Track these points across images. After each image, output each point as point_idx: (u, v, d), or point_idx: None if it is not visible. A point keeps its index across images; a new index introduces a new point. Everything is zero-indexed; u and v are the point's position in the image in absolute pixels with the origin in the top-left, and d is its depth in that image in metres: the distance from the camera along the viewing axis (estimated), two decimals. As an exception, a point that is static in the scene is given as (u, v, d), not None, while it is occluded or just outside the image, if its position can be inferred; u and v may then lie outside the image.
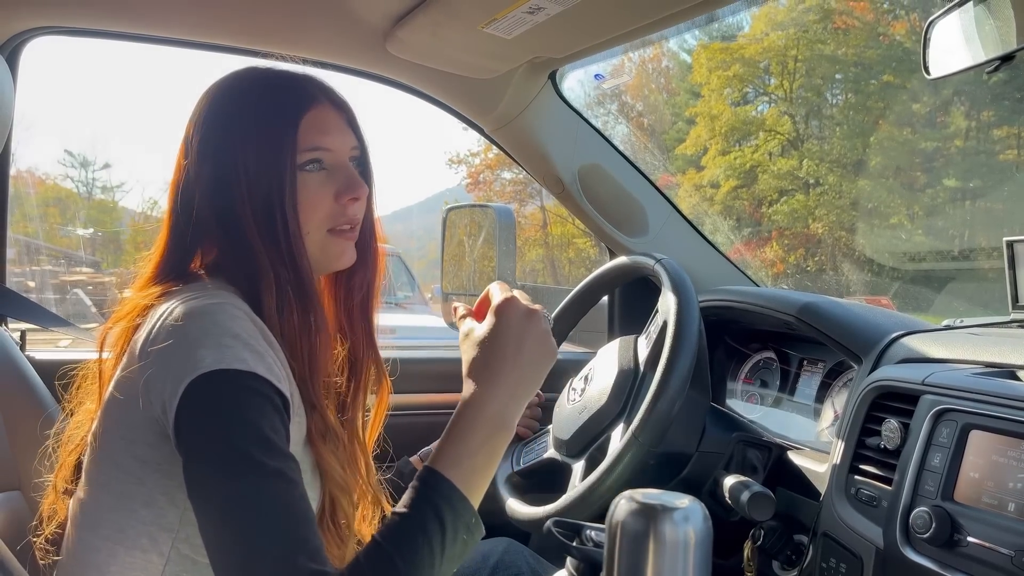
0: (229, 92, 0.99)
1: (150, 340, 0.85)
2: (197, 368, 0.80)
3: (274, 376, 0.84)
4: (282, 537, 0.77)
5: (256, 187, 0.93)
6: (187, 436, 0.81)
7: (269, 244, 0.93)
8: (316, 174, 0.97)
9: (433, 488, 0.85)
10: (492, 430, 0.90)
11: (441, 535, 0.82)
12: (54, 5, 1.48)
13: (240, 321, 0.86)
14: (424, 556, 0.80)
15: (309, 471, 0.94)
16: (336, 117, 1.00)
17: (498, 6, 1.28)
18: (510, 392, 0.92)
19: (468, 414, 0.91)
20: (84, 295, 8.69)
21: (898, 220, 14.72)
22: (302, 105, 0.97)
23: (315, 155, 0.97)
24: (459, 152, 22.74)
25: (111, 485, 0.89)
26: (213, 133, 0.96)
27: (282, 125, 0.95)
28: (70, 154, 19.40)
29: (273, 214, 0.93)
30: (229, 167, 0.94)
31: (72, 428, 1.02)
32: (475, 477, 0.88)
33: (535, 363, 0.95)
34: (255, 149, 0.94)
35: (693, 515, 0.75)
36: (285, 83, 1.00)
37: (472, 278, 2.07)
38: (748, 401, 1.65)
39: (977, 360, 1.14)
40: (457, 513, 0.84)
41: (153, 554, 0.87)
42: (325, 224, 0.98)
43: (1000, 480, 0.94)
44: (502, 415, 0.91)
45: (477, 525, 0.87)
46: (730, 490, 1.18)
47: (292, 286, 0.94)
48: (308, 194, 0.96)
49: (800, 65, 16.75)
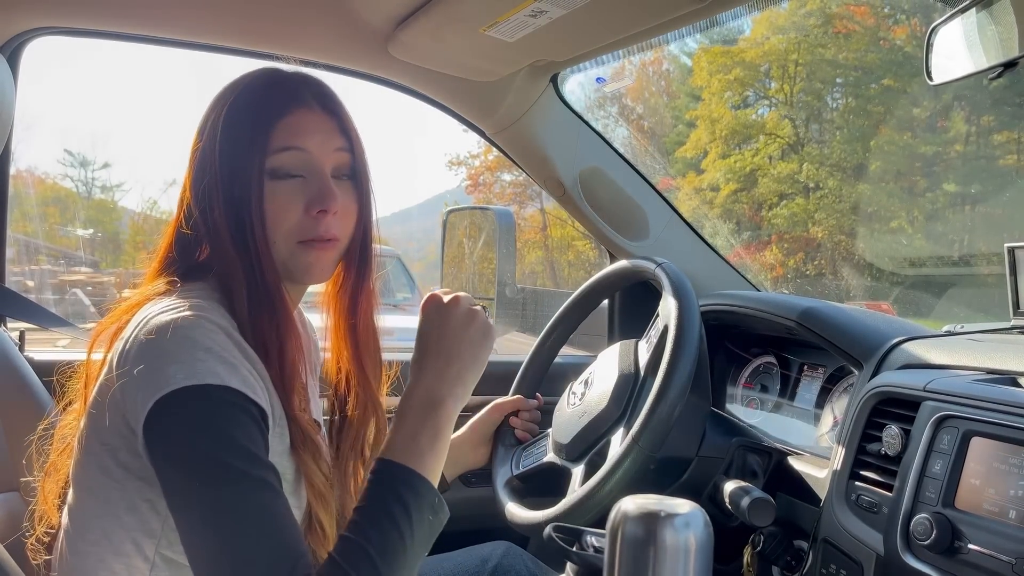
0: (226, 93, 0.99)
1: (125, 351, 0.85)
2: (168, 384, 0.80)
3: (249, 388, 0.83)
4: (269, 544, 0.76)
5: (228, 191, 0.93)
6: (161, 450, 0.81)
7: (241, 250, 0.93)
8: (288, 182, 0.94)
9: (388, 475, 0.86)
10: (425, 410, 0.92)
11: (408, 517, 0.83)
12: (55, 6, 1.48)
13: (213, 334, 0.85)
14: (394, 540, 0.81)
15: (292, 479, 0.93)
16: (322, 119, 0.97)
17: (500, 9, 1.28)
18: (437, 373, 0.95)
19: (403, 402, 0.94)
20: (83, 295, 8.69)
21: (898, 225, 14.73)
22: (283, 106, 0.95)
23: (287, 157, 0.94)
24: (459, 154, 22.80)
25: (96, 490, 0.89)
26: (207, 134, 0.96)
27: (257, 124, 0.93)
28: (70, 153, 19.43)
29: (243, 220, 0.92)
30: (208, 166, 0.94)
31: (61, 429, 1.01)
32: (425, 459, 0.88)
33: (461, 341, 0.97)
34: (229, 148, 0.93)
35: (694, 521, 0.74)
36: (274, 83, 0.98)
37: (472, 280, 2.07)
38: (748, 406, 1.64)
39: (978, 366, 1.14)
40: (418, 493, 0.85)
41: (138, 559, 0.87)
42: (294, 236, 0.95)
43: (1001, 487, 0.94)
44: (430, 394, 0.93)
45: (441, 505, 0.88)
46: (730, 495, 1.18)
47: (260, 294, 0.93)
48: (277, 202, 0.94)
49: (801, 69, 16.76)
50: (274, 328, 0.93)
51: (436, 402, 0.93)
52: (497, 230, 1.90)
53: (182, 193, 0.98)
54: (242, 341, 0.89)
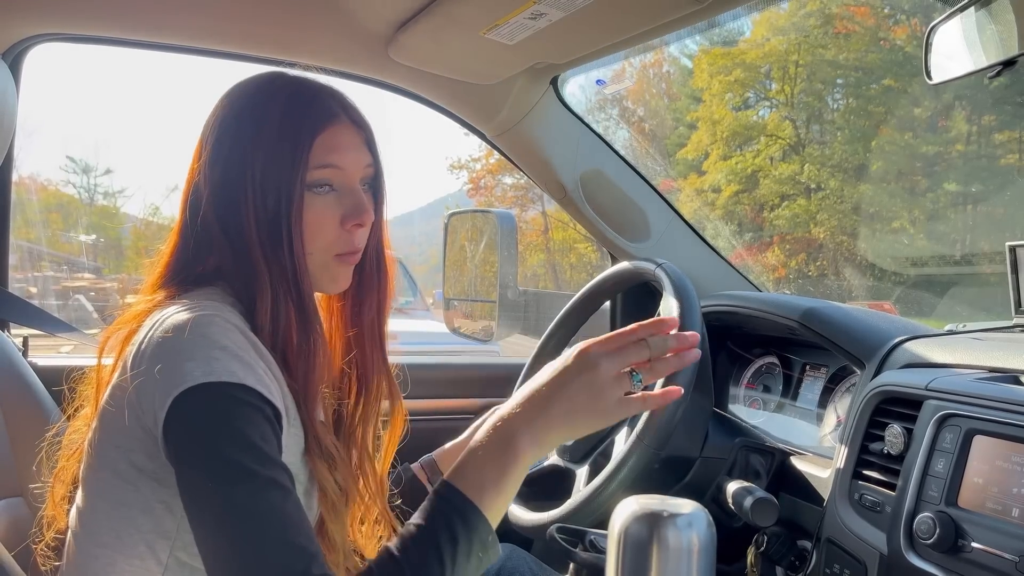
0: (249, 98, 0.97)
1: (141, 351, 0.85)
2: (185, 381, 0.79)
3: (264, 387, 0.83)
4: (282, 544, 0.76)
5: (263, 201, 0.92)
6: (178, 448, 0.80)
7: (272, 261, 0.92)
8: (324, 196, 0.95)
9: (446, 500, 0.84)
10: (501, 445, 0.87)
11: (453, 548, 0.81)
12: (57, 12, 1.49)
13: (230, 333, 0.85)
14: (433, 569, 0.79)
15: (306, 482, 0.93)
16: (354, 136, 0.97)
17: (500, 12, 1.28)
18: (527, 419, 0.88)
19: (487, 427, 0.89)
20: (86, 301, 8.71)
21: (900, 224, 14.72)
22: (320, 121, 0.95)
23: (325, 173, 0.94)
24: (460, 157, 22.81)
25: (108, 493, 0.88)
26: (227, 138, 0.95)
27: (296, 140, 0.93)
28: (72, 160, 19.49)
29: (279, 232, 0.92)
30: (238, 176, 0.93)
31: (71, 434, 1.01)
32: (486, 493, 0.85)
33: (570, 408, 0.88)
34: (266, 162, 0.92)
35: (697, 521, 0.74)
36: (307, 97, 0.97)
37: (474, 283, 2.07)
38: (751, 406, 1.64)
39: (980, 365, 1.14)
40: (471, 527, 0.82)
41: (151, 561, 0.87)
42: (330, 249, 0.96)
43: (1004, 485, 0.94)
44: (510, 436, 0.87)
45: (494, 543, 0.85)
46: (733, 496, 1.18)
47: (293, 305, 0.92)
48: (314, 216, 0.94)
49: (801, 70, 16.77)
50: (306, 338, 0.93)
51: (511, 445, 0.87)
52: (499, 233, 1.89)
53: (186, 198, 0.97)
54: (257, 341, 0.88)
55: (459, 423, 1.35)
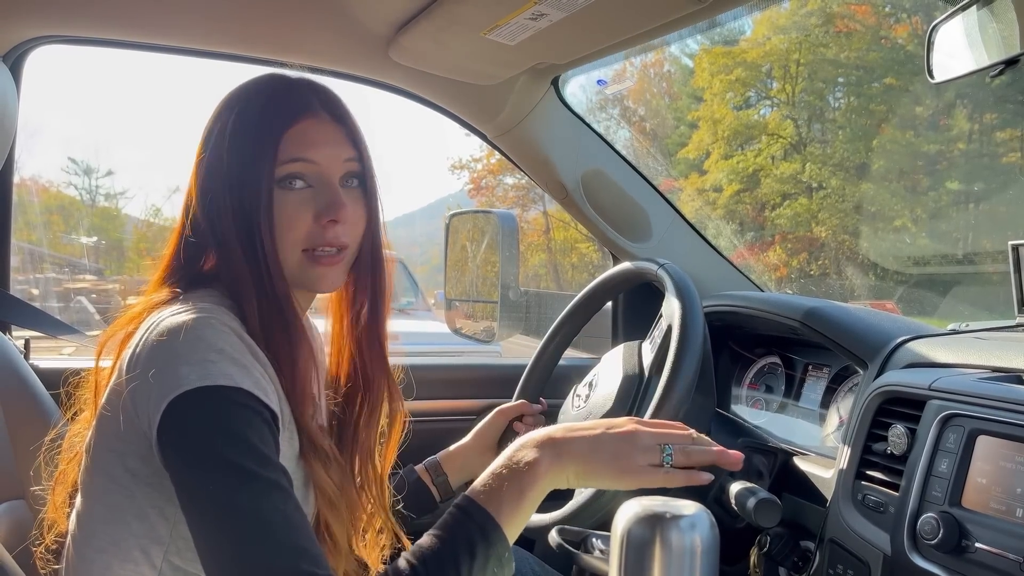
0: (236, 100, 0.98)
1: (136, 354, 0.85)
2: (180, 385, 0.79)
3: (261, 390, 0.83)
4: (285, 546, 0.76)
5: (239, 200, 0.92)
6: (175, 452, 0.80)
7: (250, 259, 0.92)
8: (297, 192, 0.94)
9: (466, 514, 0.85)
10: (515, 469, 0.88)
11: (470, 562, 0.82)
12: (57, 14, 1.49)
13: (226, 336, 0.85)
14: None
15: (302, 486, 0.93)
16: (331, 129, 0.96)
17: (501, 12, 1.28)
18: (555, 453, 0.90)
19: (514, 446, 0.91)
20: (88, 302, 8.72)
21: (902, 223, 14.71)
22: (292, 116, 0.94)
23: (296, 167, 0.93)
24: (462, 157, 22.83)
25: (104, 497, 0.89)
26: (212, 139, 0.96)
27: (265, 136, 0.93)
28: (73, 161, 19.51)
29: (252, 230, 0.92)
30: (218, 176, 0.94)
31: (71, 437, 1.01)
32: (504, 508, 0.86)
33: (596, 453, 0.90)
34: (239, 160, 0.93)
35: (700, 522, 0.74)
36: (279, 91, 0.97)
37: (475, 284, 2.07)
38: (753, 407, 1.64)
39: (983, 365, 1.13)
40: (489, 542, 0.84)
41: (145, 566, 0.87)
42: (301, 244, 0.94)
43: (1008, 486, 0.93)
44: (532, 462, 0.89)
45: (510, 560, 0.86)
46: (736, 496, 1.18)
47: (272, 304, 0.92)
48: (286, 212, 0.93)
49: (802, 69, 16.76)
50: (286, 338, 0.92)
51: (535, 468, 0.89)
52: (500, 233, 1.89)
53: (186, 201, 0.98)
54: (253, 344, 0.88)
55: (460, 424, 1.35)
